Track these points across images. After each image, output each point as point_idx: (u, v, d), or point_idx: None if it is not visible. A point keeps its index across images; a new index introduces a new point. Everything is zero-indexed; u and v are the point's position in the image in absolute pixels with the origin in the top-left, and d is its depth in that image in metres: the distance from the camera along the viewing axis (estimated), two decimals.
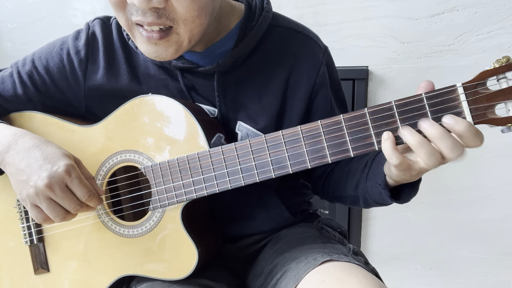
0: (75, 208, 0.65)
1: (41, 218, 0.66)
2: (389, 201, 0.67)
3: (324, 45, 0.81)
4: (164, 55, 0.66)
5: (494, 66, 0.54)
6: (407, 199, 0.68)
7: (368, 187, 0.70)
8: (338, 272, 0.65)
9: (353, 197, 0.76)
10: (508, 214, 1.46)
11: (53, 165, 0.63)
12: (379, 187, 0.66)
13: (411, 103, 0.57)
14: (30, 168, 0.64)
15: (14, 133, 0.69)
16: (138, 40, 0.66)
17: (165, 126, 0.71)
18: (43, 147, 0.66)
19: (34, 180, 0.63)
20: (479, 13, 1.31)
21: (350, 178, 0.75)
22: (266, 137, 0.64)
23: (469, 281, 1.56)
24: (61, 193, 0.63)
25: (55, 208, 0.64)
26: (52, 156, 0.65)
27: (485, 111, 0.55)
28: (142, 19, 0.61)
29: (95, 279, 0.76)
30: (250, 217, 0.83)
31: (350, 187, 0.75)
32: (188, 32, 0.64)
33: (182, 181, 0.69)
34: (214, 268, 0.79)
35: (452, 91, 0.56)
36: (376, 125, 0.58)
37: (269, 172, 0.64)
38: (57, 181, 0.62)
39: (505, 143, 1.40)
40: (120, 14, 0.64)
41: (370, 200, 0.71)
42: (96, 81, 0.78)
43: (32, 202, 0.65)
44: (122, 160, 0.74)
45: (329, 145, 0.61)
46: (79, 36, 0.79)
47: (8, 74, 0.79)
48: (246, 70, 0.77)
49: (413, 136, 0.56)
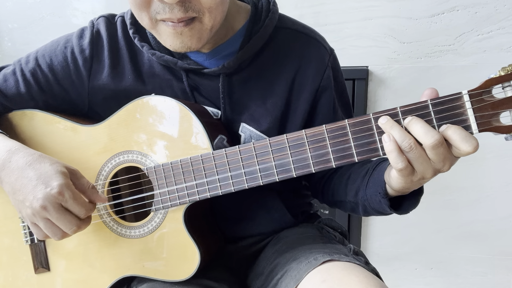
0: (72, 229, 0.65)
1: (41, 236, 0.67)
2: (388, 210, 0.67)
3: (330, 47, 0.80)
4: (189, 44, 0.66)
5: (499, 74, 0.54)
6: (407, 211, 0.68)
7: (368, 195, 0.69)
8: (339, 272, 0.65)
9: (352, 204, 0.75)
10: (508, 214, 1.46)
11: (46, 185, 0.62)
12: (379, 196, 0.66)
13: (416, 109, 0.57)
14: (25, 188, 0.64)
15: (9, 150, 0.68)
16: (163, 35, 0.67)
17: (168, 127, 0.71)
18: (36, 165, 0.65)
19: (30, 201, 0.63)
20: (479, 13, 1.31)
21: (351, 183, 0.75)
22: (270, 141, 0.64)
23: (469, 281, 1.56)
24: (56, 214, 0.63)
25: (52, 228, 0.65)
26: (45, 175, 0.64)
27: (490, 119, 0.55)
28: (171, 16, 0.62)
29: (96, 279, 0.76)
30: (251, 218, 0.83)
31: (350, 193, 0.75)
32: (212, 19, 0.65)
33: (185, 184, 0.69)
34: (215, 268, 0.79)
35: (458, 98, 0.56)
36: (381, 130, 0.58)
37: (272, 176, 0.64)
38: (51, 202, 0.62)
39: (505, 143, 1.38)
40: (144, 14, 0.65)
41: (370, 208, 0.71)
42: (101, 80, 0.77)
43: (31, 221, 0.65)
44: (125, 160, 0.73)
45: (334, 150, 0.61)
46: (83, 34, 0.78)
47: (11, 71, 0.78)
48: (252, 72, 0.76)
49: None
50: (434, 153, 0.55)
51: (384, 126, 0.57)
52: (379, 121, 0.58)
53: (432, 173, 0.58)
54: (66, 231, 0.65)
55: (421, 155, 0.56)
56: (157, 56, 0.75)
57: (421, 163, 0.56)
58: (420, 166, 0.57)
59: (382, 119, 0.57)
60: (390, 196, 0.66)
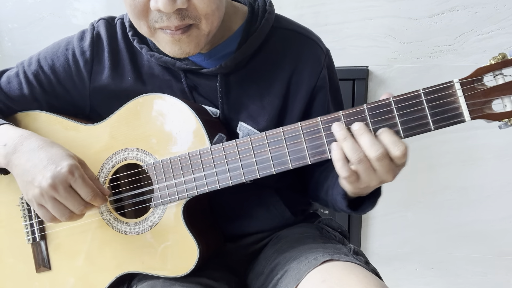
0: (79, 208, 0.66)
1: (48, 218, 0.68)
2: (346, 210, 0.71)
3: (326, 47, 0.81)
4: (188, 50, 0.68)
5: (490, 62, 0.55)
6: (364, 211, 0.72)
7: (334, 195, 0.72)
8: (339, 271, 0.65)
9: (324, 201, 0.80)
10: (508, 214, 1.46)
11: (56, 165, 0.64)
12: (339, 196, 0.69)
13: (409, 99, 0.58)
14: (35, 168, 0.65)
15: (20, 135, 0.70)
16: (162, 42, 0.68)
17: (167, 124, 0.71)
18: (48, 148, 0.67)
19: (39, 181, 0.64)
20: (479, 13, 1.31)
21: (324, 181, 0.78)
22: (266, 134, 0.65)
23: (469, 281, 1.56)
24: (64, 193, 0.64)
25: (60, 208, 0.65)
26: (56, 156, 0.66)
27: (482, 107, 0.56)
28: (168, 24, 0.63)
29: (97, 277, 0.76)
30: (251, 216, 0.83)
31: (323, 191, 0.78)
32: (209, 25, 0.66)
33: (183, 178, 0.69)
34: (215, 267, 0.80)
35: (449, 87, 0.56)
36: (374, 120, 0.59)
37: (269, 168, 0.65)
38: (61, 181, 0.63)
39: (505, 143, 1.40)
40: (142, 22, 0.66)
41: (336, 207, 0.75)
42: (101, 81, 0.78)
43: (38, 202, 0.66)
44: (125, 158, 0.74)
45: (329, 141, 0.62)
46: (84, 36, 0.79)
47: (14, 74, 0.80)
48: (249, 71, 0.77)
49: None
50: (379, 165, 0.58)
51: (337, 135, 0.59)
52: (332, 127, 0.60)
53: (377, 183, 0.61)
54: (74, 210, 0.66)
55: (368, 167, 0.58)
56: (156, 57, 0.76)
57: (368, 174, 0.59)
58: (366, 176, 0.59)
59: (336, 125, 0.60)
60: (349, 197, 0.69)
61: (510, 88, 0.54)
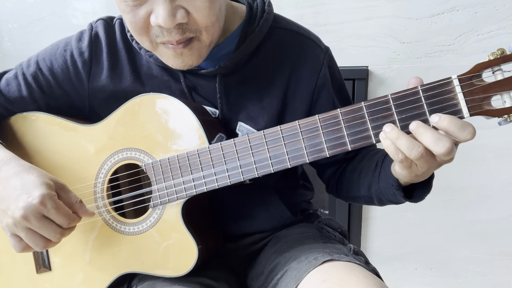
0: (56, 236, 0.65)
1: (18, 248, 0.66)
2: (403, 200, 0.68)
3: (325, 46, 0.81)
4: (190, 62, 0.68)
5: (489, 58, 0.55)
6: (421, 198, 0.69)
7: (382, 188, 0.70)
8: (339, 271, 0.65)
9: (367, 197, 0.76)
10: (508, 214, 1.46)
11: (28, 195, 0.62)
12: (392, 188, 0.67)
13: (407, 96, 0.58)
14: (9, 197, 0.64)
15: (1, 159, 0.69)
16: (165, 56, 0.68)
17: (165, 124, 0.71)
18: (23, 175, 0.65)
19: (12, 210, 0.63)
20: (479, 13, 1.31)
21: (362, 178, 0.76)
22: (264, 133, 0.64)
23: (469, 281, 1.56)
24: (37, 224, 0.63)
25: (33, 237, 0.64)
26: (29, 185, 0.64)
27: (481, 103, 0.55)
28: (170, 38, 0.63)
29: (97, 277, 0.76)
30: (251, 216, 0.83)
31: (363, 187, 0.76)
32: (210, 36, 0.66)
33: (182, 178, 0.69)
34: (215, 267, 0.80)
35: (448, 83, 0.56)
36: (373, 118, 0.59)
37: (267, 167, 0.65)
38: (32, 212, 0.62)
39: (505, 143, 1.40)
40: (144, 38, 0.66)
41: (385, 200, 0.72)
42: (100, 82, 0.78)
43: (11, 231, 0.65)
44: (124, 158, 0.74)
45: (327, 139, 0.61)
46: (82, 37, 0.79)
47: (13, 75, 0.80)
48: (248, 72, 0.77)
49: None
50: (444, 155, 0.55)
51: (390, 136, 0.57)
52: (383, 129, 0.57)
53: (437, 167, 0.59)
54: (50, 238, 0.65)
55: (428, 159, 0.56)
56: (155, 58, 0.76)
57: (426, 161, 0.57)
58: (424, 164, 0.57)
59: (387, 127, 0.57)
60: (403, 186, 0.67)
61: (509, 83, 0.54)
